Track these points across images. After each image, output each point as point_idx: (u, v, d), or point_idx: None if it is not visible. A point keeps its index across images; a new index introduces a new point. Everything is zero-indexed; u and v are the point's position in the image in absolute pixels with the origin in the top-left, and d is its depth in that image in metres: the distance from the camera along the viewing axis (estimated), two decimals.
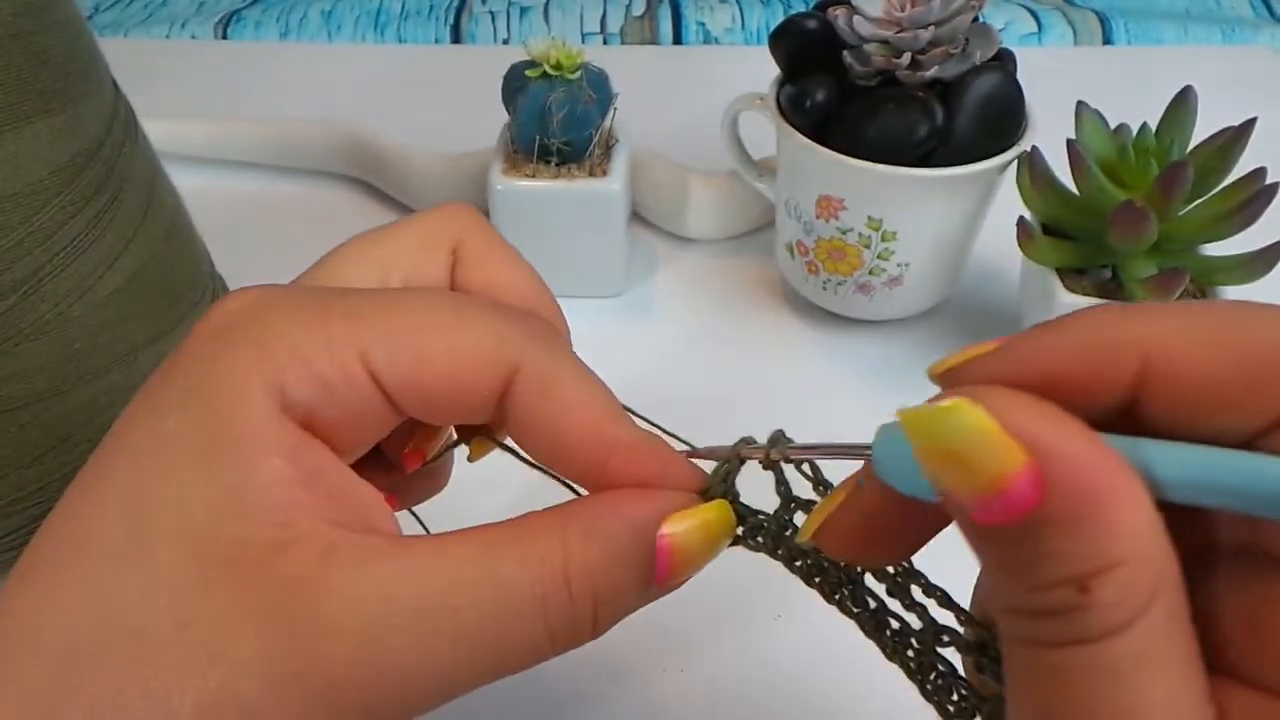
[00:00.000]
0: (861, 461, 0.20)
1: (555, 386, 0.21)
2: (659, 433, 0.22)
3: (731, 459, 0.22)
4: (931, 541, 0.20)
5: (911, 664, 0.20)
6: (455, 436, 0.26)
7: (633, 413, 0.22)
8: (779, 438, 0.21)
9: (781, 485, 0.21)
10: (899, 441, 0.16)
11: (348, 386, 0.19)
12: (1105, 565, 0.14)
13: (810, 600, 0.22)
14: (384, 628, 0.18)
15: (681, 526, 0.20)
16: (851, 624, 0.21)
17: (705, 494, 0.22)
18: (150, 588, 0.18)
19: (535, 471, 0.23)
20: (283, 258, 0.54)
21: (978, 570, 0.22)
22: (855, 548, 0.20)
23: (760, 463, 0.22)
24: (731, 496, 0.21)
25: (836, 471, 0.22)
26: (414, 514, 0.28)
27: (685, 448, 0.23)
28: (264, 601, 0.18)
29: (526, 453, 0.22)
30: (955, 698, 0.20)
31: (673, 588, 0.21)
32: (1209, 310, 0.16)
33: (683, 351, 0.49)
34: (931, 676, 0.20)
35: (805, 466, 0.21)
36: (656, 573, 0.20)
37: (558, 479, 0.23)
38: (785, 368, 0.48)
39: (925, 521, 0.19)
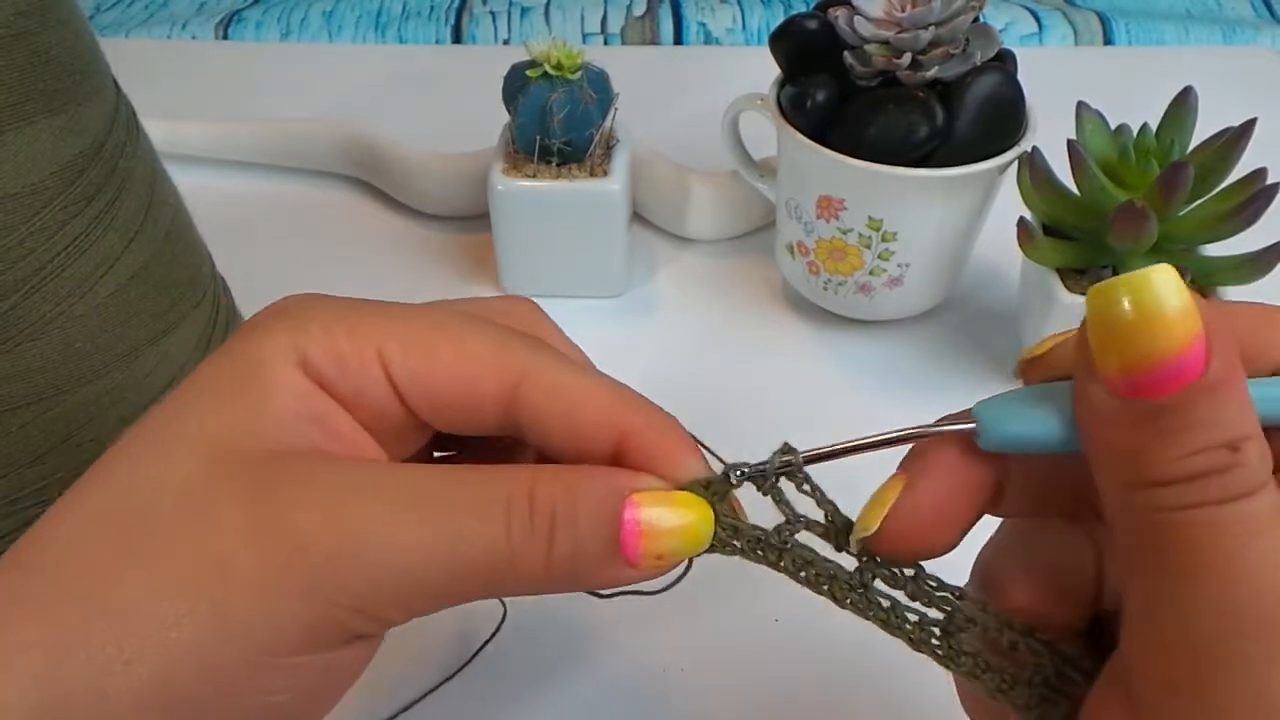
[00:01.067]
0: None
1: (562, 385, 0.22)
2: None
3: (720, 480, 0.22)
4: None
5: (939, 651, 0.21)
6: None
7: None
8: (787, 449, 0.22)
9: (785, 505, 0.22)
10: (1012, 401, 0.19)
11: (361, 371, 0.21)
12: (1248, 433, 0.17)
13: (808, 604, 0.22)
14: (351, 495, 0.20)
15: (654, 505, 0.21)
16: (848, 629, 0.21)
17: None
18: (162, 487, 0.19)
19: None
20: (283, 258, 0.54)
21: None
22: (917, 536, 0.21)
23: (759, 488, 0.22)
24: (722, 511, 0.22)
25: (836, 477, 0.22)
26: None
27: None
28: (255, 496, 0.19)
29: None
30: (991, 674, 0.21)
31: (647, 572, 0.21)
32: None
33: (683, 352, 0.49)
34: (961, 660, 0.21)
35: (805, 487, 0.22)
36: (624, 546, 0.20)
37: None
38: (785, 368, 0.48)
39: (974, 504, 0.21)
